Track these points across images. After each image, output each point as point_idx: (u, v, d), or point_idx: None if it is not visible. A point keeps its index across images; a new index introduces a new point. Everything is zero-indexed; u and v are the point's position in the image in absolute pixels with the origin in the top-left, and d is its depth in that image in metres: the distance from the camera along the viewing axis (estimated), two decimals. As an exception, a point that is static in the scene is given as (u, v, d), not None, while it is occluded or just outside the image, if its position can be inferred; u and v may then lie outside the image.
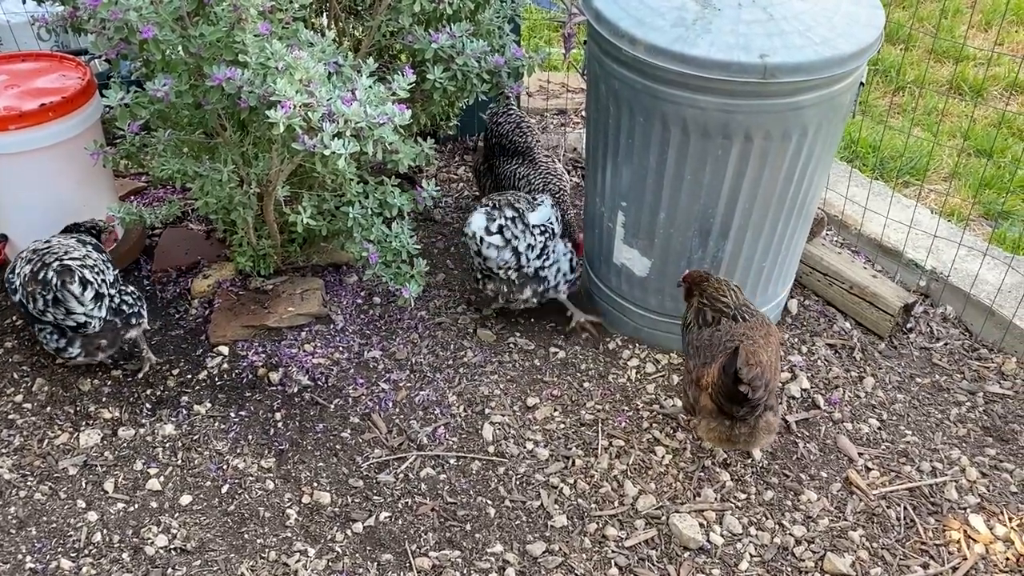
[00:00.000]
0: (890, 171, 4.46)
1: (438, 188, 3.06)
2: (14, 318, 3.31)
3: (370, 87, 2.47)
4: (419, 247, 3.03)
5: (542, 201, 3.16)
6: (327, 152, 2.34)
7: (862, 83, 2.81)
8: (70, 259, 2.78)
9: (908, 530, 2.69)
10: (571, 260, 3.22)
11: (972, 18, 5.76)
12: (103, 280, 2.85)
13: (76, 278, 2.73)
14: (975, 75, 5.14)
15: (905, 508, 2.74)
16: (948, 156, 4.52)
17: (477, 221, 2.96)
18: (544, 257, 3.09)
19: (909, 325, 3.38)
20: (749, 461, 2.87)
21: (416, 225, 3.70)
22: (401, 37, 2.99)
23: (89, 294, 2.76)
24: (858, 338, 3.32)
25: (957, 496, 2.78)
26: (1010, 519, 2.72)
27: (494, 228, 2.96)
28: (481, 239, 2.95)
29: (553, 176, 3.51)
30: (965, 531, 2.68)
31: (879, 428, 3.00)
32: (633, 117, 2.77)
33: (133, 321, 2.95)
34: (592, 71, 2.93)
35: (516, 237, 2.99)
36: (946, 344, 3.33)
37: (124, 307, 2.92)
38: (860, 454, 2.90)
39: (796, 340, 3.31)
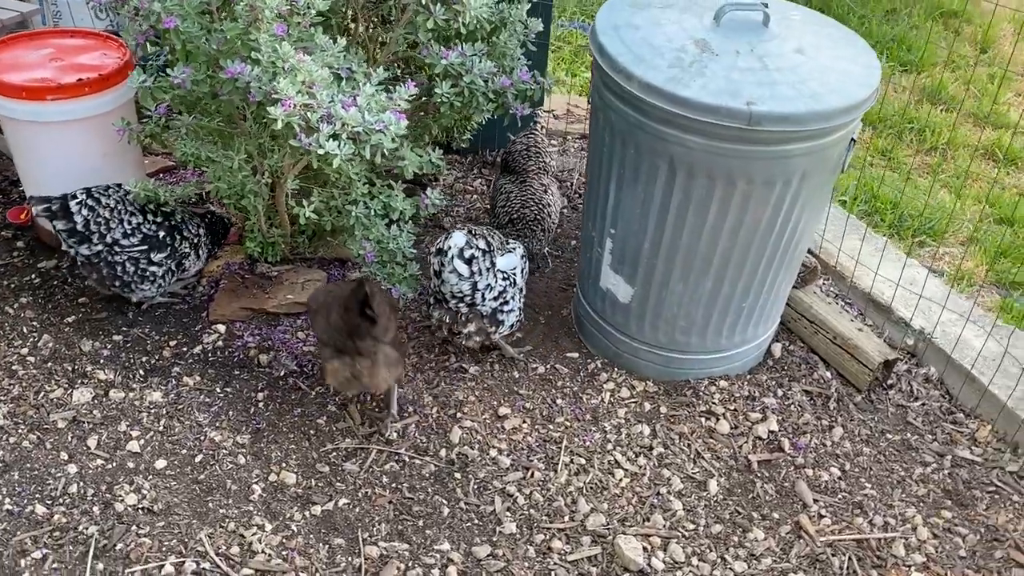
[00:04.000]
0: (906, 230, 4.49)
1: (442, 196, 3.18)
2: (32, 276, 3.51)
3: (373, 95, 2.61)
4: (414, 251, 3.16)
5: (513, 248, 3.20)
6: (320, 151, 2.48)
7: (854, 139, 2.87)
8: (83, 195, 3.09)
9: (849, 580, 2.74)
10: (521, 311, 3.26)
11: (1021, 87, 5.75)
12: (104, 231, 3.10)
13: (46, 207, 3.05)
14: (1012, 143, 5.14)
15: (850, 558, 2.79)
16: (969, 220, 4.52)
17: (458, 239, 2.96)
18: (503, 302, 3.11)
19: (890, 382, 3.42)
20: (704, 493, 2.94)
21: (424, 231, 3.85)
22: (420, 51, 3.13)
23: (60, 224, 3.06)
24: (836, 388, 3.37)
25: (904, 553, 2.82)
26: (953, 582, 2.75)
27: (467, 255, 2.96)
28: (452, 258, 2.94)
29: (534, 202, 3.60)
30: (905, 588, 2.73)
31: (839, 478, 3.04)
32: (625, 148, 2.88)
33: (121, 287, 3.24)
34: (594, 101, 3.04)
35: (479, 273, 2.99)
36: (924, 404, 3.35)
37: (120, 269, 3.17)
38: (815, 500, 2.95)
39: (773, 383, 3.37)
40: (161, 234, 3.23)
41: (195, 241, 3.37)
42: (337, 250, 3.69)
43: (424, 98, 3.17)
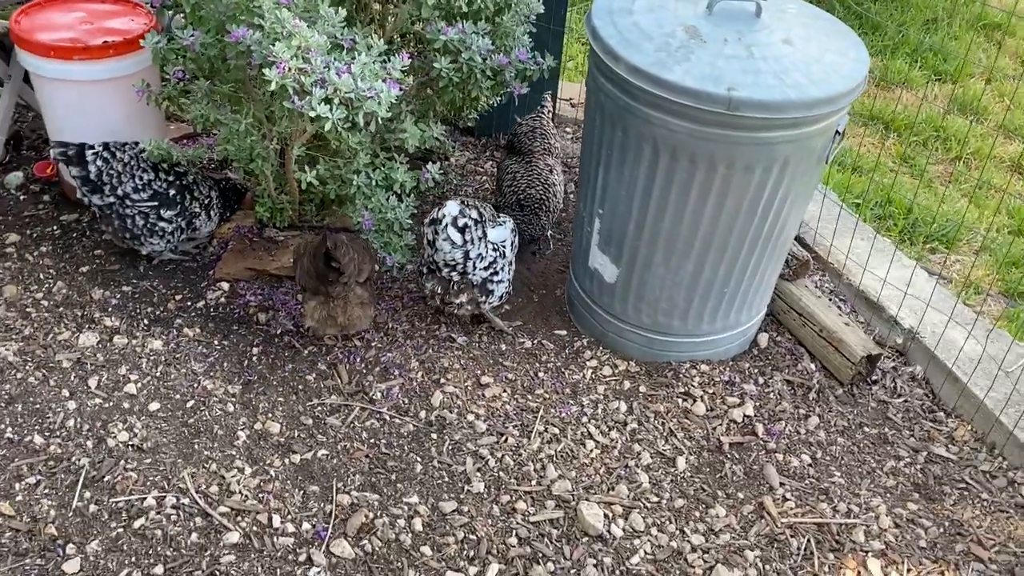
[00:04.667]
0: (918, 235, 4.49)
1: (442, 170, 3.29)
2: (54, 228, 3.71)
3: (367, 63, 2.74)
4: (410, 222, 3.28)
5: (504, 222, 3.31)
6: (312, 114, 2.62)
7: (839, 132, 2.92)
8: (101, 147, 3.29)
9: (805, 560, 2.79)
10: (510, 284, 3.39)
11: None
12: (115, 183, 3.30)
13: (63, 151, 3.26)
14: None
15: (808, 540, 2.84)
16: (984, 230, 4.51)
17: (452, 207, 3.08)
18: (493, 272, 3.23)
19: (874, 377, 3.45)
20: (672, 469, 3.01)
21: (430, 207, 3.96)
22: (425, 27, 3.25)
23: (75, 171, 3.26)
24: (818, 380, 3.41)
25: (864, 539, 2.86)
26: (908, 570, 2.79)
27: (460, 223, 3.08)
28: (446, 226, 3.07)
29: (539, 181, 3.69)
30: (859, 572, 2.77)
31: (809, 465, 3.10)
32: (613, 130, 2.96)
33: (131, 239, 3.42)
34: (588, 84, 3.13)
35: (471, 242, 3.12)
36: (905, 401, 3.38)
37: (130, 222, 3.35)
38: (782, 484, 3.01)
39: (755, 371, 3.43)
40: (172, 192, 3.39)
41: (206, 202, 3.53)
42: (343, 219, 3.82)
43: (429, 75, 3.29)
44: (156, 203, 3.36)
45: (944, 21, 6.73)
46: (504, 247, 3.26)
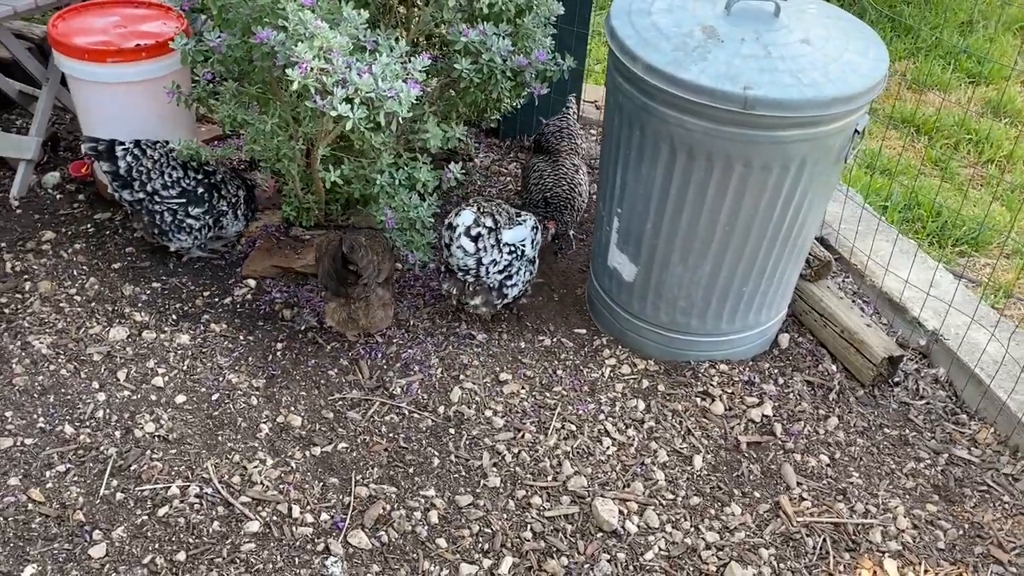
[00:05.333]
0: (947, 238, 4.46)
1: (464, 172, 3.34)
2: (88, 226, 3.81)
3: (388, 64, 2.79)
4: (432, 220, 3.33)
5: (524, 220, 3.35)
6: (333, 113, 2.67)
7: (858, 131, 2.92)
8: (131, 144, 3.39)
9: (820, 560, 2.79)
10: (530, 278, 3.44)
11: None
12: (144, 180, 3.40)
13: (93, 146, 3.36)
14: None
15: (824, 540, 2.84)
16: (1011, 231, 4.46)
17: (466, 217, 3.16)
18: (506, 275, 3.28)
19: (896, 379, 3.43)
20: (688, 467, 3.03)
21: (454, 207, 4.01)
22: (447, 29, 3.30)
23: (105, 166, 3.36)
24: (839, 381, 3.40)
25: (880, 540, 2.85)
26: (926, 571, 2.78)
27: (473, 233, 3.15)
28: (460, 235, 3.15)
29: (566, 180, 3.74)
30: (875, 572, 2.76)
31: (828, 465, 3.09)
32: (631, 129, 2.99)
33: (159, 235, 3.51)
34: (607, 84, 3.16)
35: (484, 250, 3.18)
36: (928, 403, 3.36)
37: (159, 219, 3.44)
38: (799, 483, 3.01)
39: (776, 372, 3.42)
40: (200, 190, 3.48)
41: (233, 201, 3.61)
42: (367, 219, 3.88)
43: (451, 76, 3.34)
44: (184, 200, 3.45)
45: (980, 24, 6.66)
46: (523, 246, 3.29)
